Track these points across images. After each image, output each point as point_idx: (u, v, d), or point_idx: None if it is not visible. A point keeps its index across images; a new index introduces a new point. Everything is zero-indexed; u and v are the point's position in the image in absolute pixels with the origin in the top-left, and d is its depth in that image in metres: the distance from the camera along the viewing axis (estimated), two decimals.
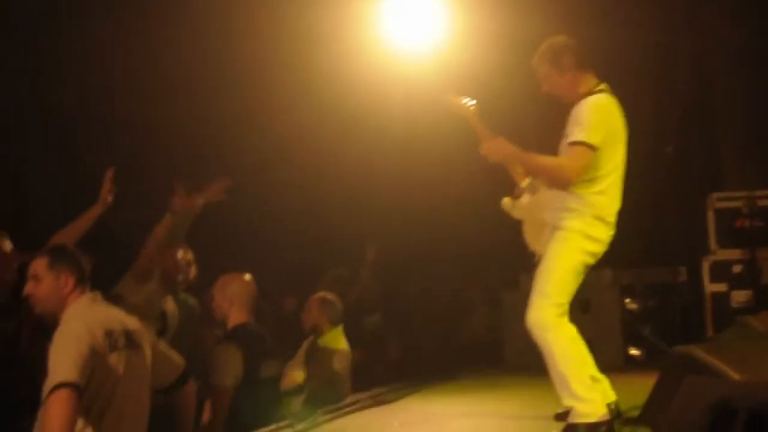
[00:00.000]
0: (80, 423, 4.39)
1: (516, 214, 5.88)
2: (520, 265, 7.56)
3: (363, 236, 10.64)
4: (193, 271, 6.95)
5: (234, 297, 6.23)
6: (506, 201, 5.86)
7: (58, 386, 4.22)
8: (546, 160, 5.48)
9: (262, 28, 9.53)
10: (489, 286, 10.37)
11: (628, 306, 9.43)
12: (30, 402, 4.63)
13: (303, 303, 7.80)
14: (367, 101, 9.61)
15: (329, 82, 9.70)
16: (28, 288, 4.85)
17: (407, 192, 10.91)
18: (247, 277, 6.36)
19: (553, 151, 5.55)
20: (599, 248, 5.42)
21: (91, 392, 4.43)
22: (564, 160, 5.36)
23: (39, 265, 4.81)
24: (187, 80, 9.95)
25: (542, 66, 5.59)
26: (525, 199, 5.84)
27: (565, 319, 5.31)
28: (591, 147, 5.26)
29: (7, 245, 6.07)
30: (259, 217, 10.61)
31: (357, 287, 10.01)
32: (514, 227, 5.92)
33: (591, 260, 5.42)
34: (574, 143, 5.29)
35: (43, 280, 4.77)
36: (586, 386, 5.23)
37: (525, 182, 5.84)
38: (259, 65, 9.88)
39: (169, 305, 6.71)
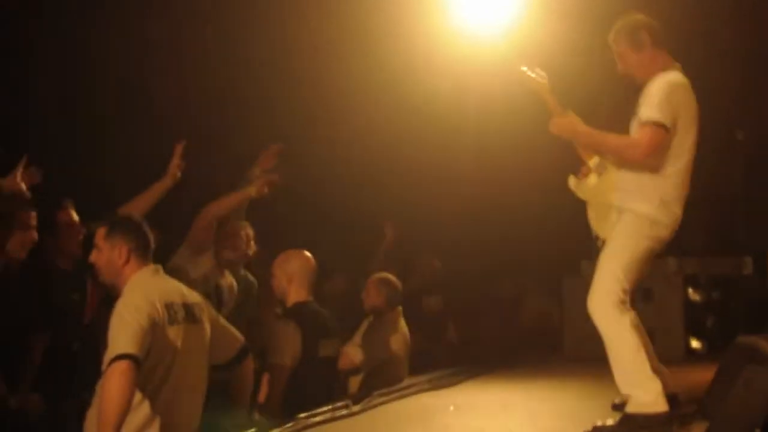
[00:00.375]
0: (138, 396, 4.41)
1: (581, 194, 5.77)
2: (581, 250, 7.49)
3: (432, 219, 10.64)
4: (252, 248, 6.99)
5: (294, 274, 6.25)
6: (572, 180, 5.76)
7: (117, 358, 4.24)
8: (615, 139, 5.40)
9: (335, 17, 9.53)
10: (549, 271, 10.27)
11: (691, 297, 9.30)
12: (93, 373, 4.67)
13: (360, 283, 7.80)
14: (440, 83, 9.57)
15: (402, 66, 9.68)
16: (92, 257, 4.90)
17: (475, 175, 10.85)
18: (307, 254, 6.36)
19: (625, 132, 5.47)
20: (666, 233, 5.32)
21: (149, 365, 4.45)
22: (634, 138, 5.27)
23: (99, 235, 4.85)
24: (263, 68, 10.00)
25: (618, 44, 5.50)
26: (592, 179, 5.72)
27: (627, 306, 5.24)
28: (662, 126, 5.17)
29: (74, 215, 6.14)
30: (326, 198, 10.62)
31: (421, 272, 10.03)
32: (576, 211, 5.84)
33: (657, 246, 5.34)
34: (645, 122, 5.21)
35: (102, 250, 4.80)
36: (646, 375, 5.14)
37: (593, 162, 5.74)
38: (332, 53, 9.90)
39: (227, 280, 6.76)
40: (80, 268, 6.08)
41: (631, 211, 5.31)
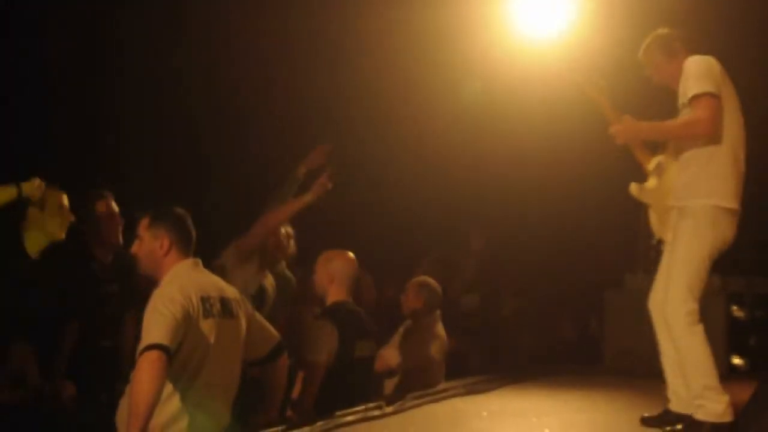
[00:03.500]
0: (169, 388, 4.42)
1: (644, 198, 5.74)
2: (624, 263, 7.43)
3: (470, 224, 10.60)
4: (292, 246, 7.00)
5: (335, 274, 6.24)
6: (633, 186, 5.72)
7: (148, 348, 4.26)
8: (678, 123, 5.33)
9: (392, 26, 9.53)
10: (593, 283, 10.20)
11: (735, 314, 9.19)
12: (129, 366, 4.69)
13: (402, 286, 7.78)
14: (497, 90, 9.54)
15: (459, 73, 9.68)
16: (134, 247, 4.91)
17: (523, 183, 10.79)
18: (351, 255, 6.35)
19: None
20: (727, 227, 5.24)
21: (181, 358, 4.45)
22: (694, 116, 5.20)
23: (141, 225, 4.86)
24: (324, 69, 10.03)
25: (651, 56, 5.53)
26: (652, 182, 5.69)
27: (699, 315, 5.21)
28: (712, 95, 5.16)
29: (113, 206, 6.18)
30: (370, 198, 10.62)
31: (461, 276, 9.97)
32: (620, 224, 5.80)
33: (721, 242, 5.25)
34: (695, 97, 5.18)
35: (143, 240, 4.81)
36: (716, 385, 5.16)
37: (652, 164, 5.69)
38: (390, 58, 9.90)
39: (268, 280, 6.77)
40: (119, 261, 6.12)
41: (690, 210, 5.25)
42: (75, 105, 8.62)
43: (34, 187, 5.72)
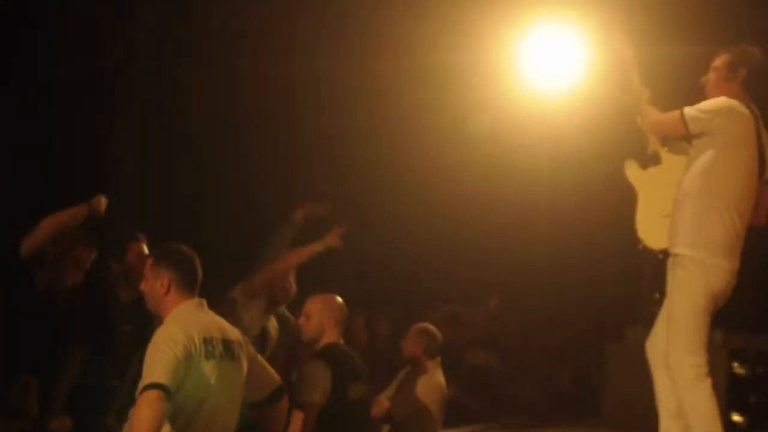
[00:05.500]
0: (167, 428, 4.40)
1: (632, 177, 5.73)
2: (626, 317, 7.40)
3: (481, 276, 10.60)
4: (293, 289, 7.02)
5: (332, 316, 6.25)
6: (629, 163, 5.73)
7: (148, 387, 4.26)
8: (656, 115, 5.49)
9: (404, 74, 9.59)
10: (594, 336, 10.19)
11: (736, 370, 9.15)
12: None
13: (400, 330, 7.77)
14: (511, 139, 9.57)
15: (473, 122, 9.74)
16: (141, 285, 4.92)
17: (526, 235, 10.79)
18: (339, 298, 6.37)
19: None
20: (719, 282, 5.23)
21: (181, 398, 4.44)
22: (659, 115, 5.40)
23: (147, 263, 4.89)
24: (333, 126, 10.11)
25: (721, 60, 5.50)
26: (647, 167, 5.70)
27: (706, 370, 5.19)
28: (683, 117, 5.24)
29: (145, 249, 6.21)
30: (383, 244, 10.66)
31: (470, 333, 9.99)
32: (621, 278, 5.79)
33: (714, 295, 5.24)
34: (680, 110, 5.31)
35: (148, 279, 4.83)
36: None
37: (651, 148, 5.70)
38: (403, 108, 9.95)
39: (271, 323, 6.78)
40: (140, 303, 6.13)
41: (680, 260, 5.24)
42: (79, 141, 8.68)
43: (99, 202, 5.90)
